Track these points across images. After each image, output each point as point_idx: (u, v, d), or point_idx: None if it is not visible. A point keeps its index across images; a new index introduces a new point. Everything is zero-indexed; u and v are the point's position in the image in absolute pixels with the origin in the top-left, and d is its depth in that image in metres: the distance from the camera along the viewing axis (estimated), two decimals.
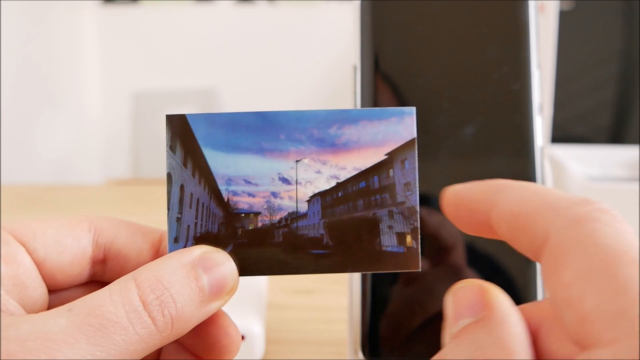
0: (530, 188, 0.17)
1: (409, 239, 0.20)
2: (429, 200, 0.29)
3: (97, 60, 1.71)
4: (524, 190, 0.17)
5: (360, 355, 0.29)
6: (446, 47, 0.30)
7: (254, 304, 0.39)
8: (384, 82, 0.30)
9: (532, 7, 0.30)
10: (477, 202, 0.18)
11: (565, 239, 0.15)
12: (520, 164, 0.29)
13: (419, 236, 0.20)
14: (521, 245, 0.17)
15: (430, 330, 0.29)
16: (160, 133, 1.59)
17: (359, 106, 0.30)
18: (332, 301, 0.46)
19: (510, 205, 0.17)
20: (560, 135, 0.91)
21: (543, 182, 0.30)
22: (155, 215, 0.34)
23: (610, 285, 0.14)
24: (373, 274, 0.29)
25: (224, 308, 0.21)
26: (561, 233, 0.15)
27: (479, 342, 0.16)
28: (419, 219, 0.20)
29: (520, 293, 0.29)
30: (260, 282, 0.42)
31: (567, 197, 0.16)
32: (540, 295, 0.29)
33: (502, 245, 0.30)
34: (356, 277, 0.30)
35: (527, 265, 0.29)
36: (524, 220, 0.17)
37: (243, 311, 0.38)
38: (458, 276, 0.30)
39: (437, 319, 0.29)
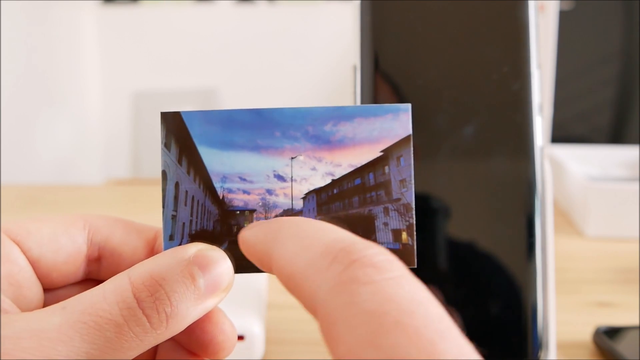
0: (302, 236, 0.16)
1: (404, 235, 0.20)
2: (429, 200, 0.29)
3: (97, 60, 1.71)
4: (294, 242, 0.16)
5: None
6: (446, 47, 0.30)
7: (254, 304, 0.39)
8: (383, 82, 0.30)
9: (532, 7, 0.30)
10: (260, 254, 0.18)
11: (330, 310, 0.15)
12: (520, 164, 0.29)
13: (415, 233, 0.20)
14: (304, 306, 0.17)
15: None
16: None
17: None
18: None
19: (283, 264, 0.17)
20: (560, 135, 0.91)
21: (543, 182, 0.30)
22: (155, 215, 0.34)
23: None
24: None
25: (221, 306, 0.21)
26: (325, 303, 0.15)
27: None
28: (414, 216, 0.20)
29: (520, 293, 0.29)
30: (260, 282, 0.42)
31: (330, 251, 0.15)
32: (540, 295, 0.29)
33: (502, 245, 0.30)
34: None
35: (527, 265, 0.29)
36: (294, 285, 0.16)
37: (243, 311, 0.38)
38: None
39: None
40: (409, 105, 0.20)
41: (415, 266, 0.20)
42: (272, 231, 0.17)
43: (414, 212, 0.20)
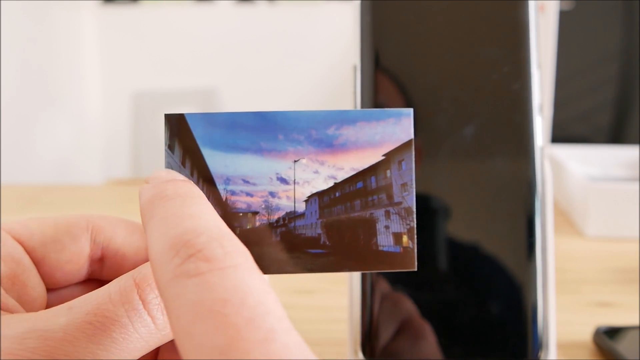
0: (164, 221, 0.17)
1: (405, 239, 0.20)
2: (429, 200, 0.30)
3: (97, 60, 1.71)
4: (158, 227, 0.17)
5: (360, 355, 0.29)
6: (446, 47, 0.30)
7: None
8: (384, 82, 0.30)
9: (532, 7, 0.30)
10: (143, 226, 0.19)
11: (165, 302, 0.16)
12: (520, 164, 0.29)
13: (415, 236, 0.20)
14: None
15: (430, 330, 0.29)
16: (160, 133, 1.58)
17: (358, 106, 0.30)
18: (332, 301, 0.46)
19: (148, 248, 0.17)
20: (560, 135, 0.91)
21: (543, 182, 0.30)
22: None
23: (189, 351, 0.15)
24: (372, 274, 0.29)
25: None
26: (162, 295, 0.16)
27: None
28: (415, 219, 0.20)
29: (520, 293, 0.29)
30: None
31: (176, 243, 0.16)
32: (540, 295, 0.29)
33: (502, 245, 0.30)
34: (356, 277, 0.30)
35: (527, 265, 0.29)
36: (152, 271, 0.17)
37: None
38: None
39: (437, 319, 0.29)
40: (411, 110, 0.20)
41: (416, 269, 0.20)
42: (151, 204, 0.18)
43: (415, 216, 0.20)
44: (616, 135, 1.21)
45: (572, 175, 0.66)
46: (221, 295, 0.15)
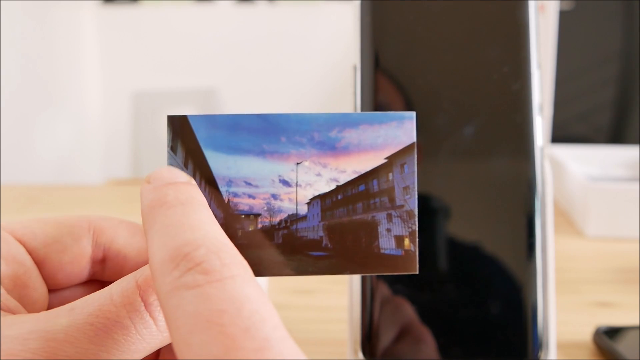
0: (166, 230, 0.17)
1: (407, 242, 0.20)
2: (429, 200, 0.30)
3: (97, 60, 1.71)
4: (159, 236, 0.17)
5: (360, 355, 0.29)
6: (446, 47, 0.30)
7: None
8: (384, 82, 0.30)
9: (532, 7, 0.30)
10: (145, 231, 0.19)
11: (165, 313, 0.16)
12: (520, 164, 0.30)
13: (417, 239, 0.20)
14: None
15: (430, 330, 0.29)
16: (160, 133, 1.59)
17: (359, 106, 0.30)
18: (332, 301, 0.46)
19: (149, 257, 0.17)
20: (560, 135, 0.91)
21: (543, 182, 0.30)
22: None
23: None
24: (373, 275, 0.29)
25: None
26: (162, 306, 0.16)
27: None
28: (417, 223, 0.20)
29: (520, 293, 0.29)
30: (260, 282, 0.42)
31: (176, 255, 0.16)
32: (540, 295, 0.29)
33: (502, 245, 0.30)
34: (356, 277, 0.30)
35: (527, 265, 0.29)
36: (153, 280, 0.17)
37: None
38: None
39: (437, 320, 0.29)
40: (413, 113, 0.20)
41: (417, 272, 0.20)
42: (152, 211, 0.18)
43: (417, 219, 0.20)
44: (616, 135, 1.21)
45: (572, 175, 0.66)
46: (218, 306, 0.15)
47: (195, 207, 0.18)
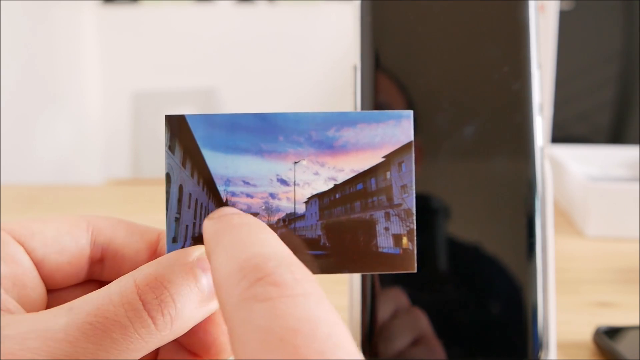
0: (232, 246, 0.17)
1: (405, 240, 0.20)
2: (429, 200, 0.30)
3: (97, 60, 1.71)
4: (225, 252, 0.17)
5: (360, 355, 0.29)
6: (446, 47, 0.30)
7: None
8: (384, 82, 0.30)
9: (532, 7, 0.30)
10: (208, 254, 0.19)
11: (231, 325, 0.15)
12: (520, 164, 0.30)
13: (415, 238, 0.20)
14: None
15: (430, 330, 0.29)
16: (160, 133, 1.58)
17: (359, 106, 0.30)
18: (332, 301, 0.46)
19: (213, 272, 0.17)
20: (560, 135, 0.91)
21: (543, 182, 0.30)
22: (155, 215, 0.34)
23: None
24: (372, 274, 0.29)
25: None
26: (228, 318, 0.16)
27: None
28: (415, 221, 0.20)
29: (520, 293, 0.29)
30: None
31: (244, 266, 0.16)
32: (540, 295, 0.29)
33: (502, 245, 0.30)
34: (356, 277, 0.30)
35: (527, 265, 0.29)
36: (216, 293, 0.17)
37: None
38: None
39: (437, 320, 0.29)
40: (410, 112, 0.20)
41: (415, 271, 0.20)
42: (218, 233, 0.18)
43: (414, 218, 0.20)
44: (616, 135, 1.21)
45: (572, 175, 0.66)
46: (292, 325, 0.14)
47: (262, 228, 0.18)
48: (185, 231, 0.20)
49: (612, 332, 0.38)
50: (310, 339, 0.14)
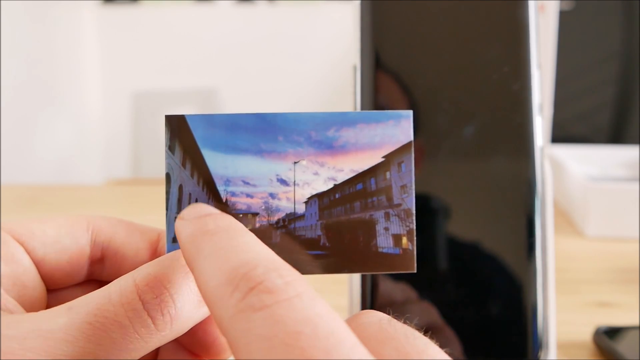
0: (216, 255, 0.17)
1: (404, 240, 0.20)
2: (429, 200, 0.30)
3: (97, 60, 1.71)
4: (209, 262, 0.17)
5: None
6: (446, 47, 0.30)
7: None
8: (384, 82, 0.30)
9: (532, 7, 0.30)
10: (186, 261, 0.18)
11: (231, 338, 0.15)
12: (520, 164, 0.30)
13: (415, 238, 0.20)
14: None
15: (429, 330, 0.29)
16: (160, 133, 1.58)
17: (359, 106, 0.30)
18: (332, 301, 0.46)
19: (199, 283, 0.17)
20: (560, 135, 0.91)
21: (543, 182, 0.30)
22: (155, 215, 0.34)
23: None
24: (372, 275, 0.29)
25: None
26: (227, 331, 0.16)
27: None
28: (414, 221, 0.20)
29: (520, 293, 0.29)
30: None
31: (234, 277, 0.16)
32: (540, 295, 0.29)
33: (502, 245, 0.30)
34: (356, 277, 0.30)
35: (527, 265, 0.29)
36: (207, 306, 0.17)
37: None
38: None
39: (436, 320, 0.29)
40: (410, 112, 0.20)
41: (415, 271, 0.20)
42: (195, 242, 0.18)
43: (414, 218, 0.20)
44: (616, 135, 1.22)
45: (572, 175, 0.66)
46: (293, 328, 0.15)
47: (239, 232, 0.18)
48: None
49: (612, 332, 0.38)
50: (314, 339, 0.14)
